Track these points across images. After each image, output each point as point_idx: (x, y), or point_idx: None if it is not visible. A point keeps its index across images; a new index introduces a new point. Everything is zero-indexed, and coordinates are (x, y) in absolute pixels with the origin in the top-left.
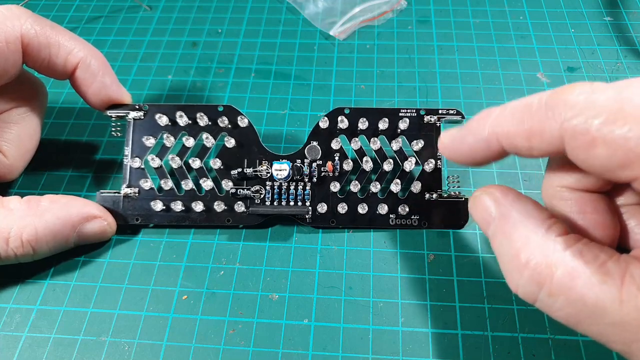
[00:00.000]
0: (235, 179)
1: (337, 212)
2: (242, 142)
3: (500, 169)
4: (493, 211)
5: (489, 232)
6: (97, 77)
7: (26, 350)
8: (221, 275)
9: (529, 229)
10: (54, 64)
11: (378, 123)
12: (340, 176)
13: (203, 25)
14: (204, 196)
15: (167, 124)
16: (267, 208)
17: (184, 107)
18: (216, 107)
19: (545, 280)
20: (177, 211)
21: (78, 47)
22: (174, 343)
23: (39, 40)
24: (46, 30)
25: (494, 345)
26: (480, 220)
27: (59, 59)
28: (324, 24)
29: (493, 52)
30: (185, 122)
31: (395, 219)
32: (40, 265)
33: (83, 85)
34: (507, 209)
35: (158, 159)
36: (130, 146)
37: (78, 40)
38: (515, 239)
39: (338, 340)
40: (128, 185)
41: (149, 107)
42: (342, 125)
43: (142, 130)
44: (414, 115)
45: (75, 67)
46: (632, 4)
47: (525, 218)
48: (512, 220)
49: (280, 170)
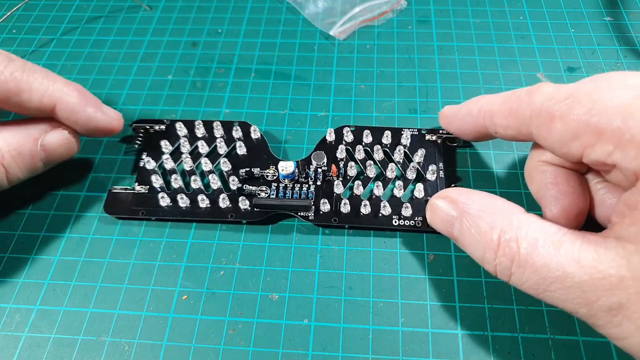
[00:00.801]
0: (242, 178)
1: (340, 210)
2: (253, 149)
3: (500, 169)
4: (453, 212)
5: (454, 232)
6: (79, 112)
7: (26, 350)
8: (221, 275)
9: (493, 214)
10: (26, 108)
11: (381, 138)
12: (344, 180)
13: (203, 25)
14: (211, 194)
15: (185, 134)
16: (270, 200)
17: (203, 122)
18: (232, 122)
19: (514, 253)
20: (182, 207)
21: (53, 87)
22: (174, 343)
23: (8, 87)
24: (15, 76)
25: (494, 345)
26: (442, 225)
27: (31, 103)
28: (324, 24)
29: (493, 52)
30: (202, 133)
31: (399, 219)
32: (40, 265)
33: (68, 123)
34: (466, 205)
35: (172, 161)
36: (149, 151)
37: (53, 79)
38: (483, 226)
39: (338, 340)
40: (140, 183)
41: (170, 121)
42: (347, 139)
43: (161, 138)
44: (415, 134)
45: (52, 108)
46: (632, 4)
47: (486, 206)
48: (474, 212)
49: (286, 167)
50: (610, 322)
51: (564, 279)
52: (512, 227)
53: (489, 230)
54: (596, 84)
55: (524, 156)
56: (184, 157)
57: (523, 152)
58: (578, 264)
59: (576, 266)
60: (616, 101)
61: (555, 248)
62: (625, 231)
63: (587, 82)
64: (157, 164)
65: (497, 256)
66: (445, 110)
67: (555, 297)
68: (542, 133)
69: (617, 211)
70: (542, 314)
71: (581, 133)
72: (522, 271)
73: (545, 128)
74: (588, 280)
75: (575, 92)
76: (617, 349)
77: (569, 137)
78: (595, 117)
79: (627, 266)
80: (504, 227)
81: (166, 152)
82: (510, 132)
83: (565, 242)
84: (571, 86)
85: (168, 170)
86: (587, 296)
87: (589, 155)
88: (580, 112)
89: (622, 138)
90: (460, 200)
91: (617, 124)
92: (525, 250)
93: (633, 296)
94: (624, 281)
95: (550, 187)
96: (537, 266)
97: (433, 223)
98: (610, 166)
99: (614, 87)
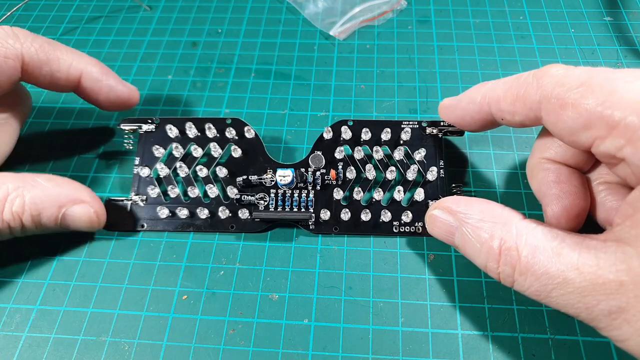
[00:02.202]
0: (240, 186)
1: (340, 219)
2: (248, 152)
3: (500, 169)
4: (452, 221)
5: (455, 241)
6: (102, 81)
7: (26, 350)
8: (221, 275)
9: (492, 223)
10: (56, 78)
11: (380, 134)
12: (344, 184)
13: (203, 25)
14: (209, 203)
15: (177, 136)
16: (270, 213)
17: (194, 120)
18: (224, 119)
19: (515, 261)
20: (182, 218)
21: (77, 59)
22: (174, 343)
23: (39, 58)
24: (44, 47)
25: (494, 345)
26: (442, 234)
27: (60, 73)
28: (324, 24)
29: (493, 52)
30: (195, 133)
31: (399, 226)
32: (40, 265)
33: (92, 93)
34: (464, 214)
35: (166, 168)
36: (141, 156)
37: (75, 52)
38: (483, 235)
39: (338, 340)
40: (136, 193)
41: (160, 120)
42: (346, 136)
43: (152, 141)
44: (415, 127)
45: (78, 79)
46: (632, 4)
47: (485, 215)
48: (473, 220)
49: (284, 176)
50: (611, 325)
51: (564, 285)
52: (512, 235)
53: (489, 240)
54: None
55: (524, 156)
56: (178, 164)
57: (523, 152)
58: (578, 271)
59: (576, 272)
60: (632, 95)
61: (555, 255)
62: (626, 234)
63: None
64: (151, 170)
65: (500, 265)
66: (446, 101)
67: (556, 302)
68: (551, 119)
69: (621, 212)
70: (542, 314)
71: (593, 124)
72: (524, 278)
73: (554, 115)
74: (588, 286)
75: (588, 81)
76: (617, 349)
77: (579, 126)
78: (609, 110)
79: (627, 271)
80: (504, 236)
81: (159, 158)
82: (517, 117)
83: (564, 248)
84: (582, 72)
85: (163, 178)
86: (588, 301)
87: (599, 147)
88: (594, 102)
89: (635, 134)
90: (458, 210)
91: (632, 119)
92: (525, 259)
93: (632, 300)
94: (624, 285)
95: (552, 185)
96: (538, 274)
97: (433, 233)
98: (618, 160)
99: (629, 79)
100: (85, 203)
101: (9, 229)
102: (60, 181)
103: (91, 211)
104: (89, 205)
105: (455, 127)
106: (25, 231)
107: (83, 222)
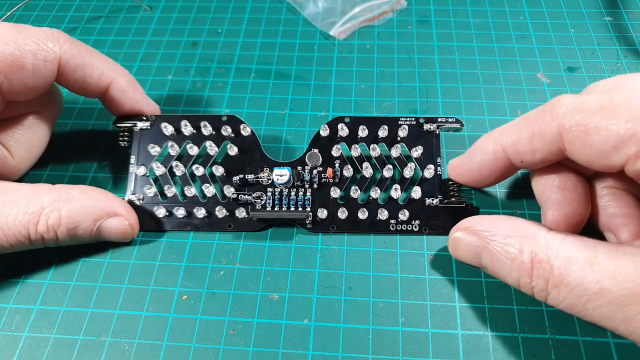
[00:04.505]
0: (237, 185)
1: (338, 217)
2: (244, 149)
3: None
4: (477, 241)
5: (482, 262)
6: (129, 94)
7: (26, 350)
8: (221, 275)
9: (520, 237)
10: (87, 84)
11: (378, 131)
12: (341, 182)
13: (203, 25)
14: (206, 202)
15: (172, 133)
16: (267, 213)
17: (189, 117)
18: (220, 116)
19: (548, 274)
20: (180, 217)
21: (109, 68)
22: (174, 343)
23: (75, 62)
24: (82, 53)
25: (494, 345)
26: (468, 257)
27: (92, 79)
28: (324, 24)
29: (493, 52)
30: (190, 131)
31: (396, 224)
32: (40, 265)
33: (117, 103)
34: (489, 232)
35: (162, 167)
36: (137, 155)
37: (109, 61)
38: (512, 251)
39: (338, 340)
40: (133, 192)
41: (155, 117)
42: (343, 133)
43: (148, 139)
44: (413, 123)
45: (106, 87)
46: (632, 4)
47: (511, 230)
48: (500, 237)
49: (281, 176)
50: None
51: (601, 296)
52: (542, 248)
53: (519, 255)
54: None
55: None
56: (174, 163)
57: None
58: (615, 279)
59: (613, 282)
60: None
61: (588, 264)
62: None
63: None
64: (147, 169)
65: (533, 279)
66: (455, 161)
67: (592, 315)
68: (577, 147)
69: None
70: (542, 314)
71: (624, 143)
72: (557, 291)
73: (580, 142)
74: (627, 295)
75: (608, 103)
76: (617, 349)
77: (610, 148)
78: None
79: None
80: (534, 249)
81: (155, 156)
82: (539, 155)
83: (598, 257)
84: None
85: (160, 177)
86: (626, 311)
87: (633, 165)
88: (622, 121)
89: None
90: (482, 229)
91: None
92: (558, 270)
93: None
94: None
95: (556, 191)
96: (572, 285)
97: (458, 256)
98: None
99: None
100: (120, 216)
101: (42, 241)
102: (93, 193)
103: (125, 224)
104: (123, 218)
105: (453, 123)
106: (59, 242)
107: (117, 234)
